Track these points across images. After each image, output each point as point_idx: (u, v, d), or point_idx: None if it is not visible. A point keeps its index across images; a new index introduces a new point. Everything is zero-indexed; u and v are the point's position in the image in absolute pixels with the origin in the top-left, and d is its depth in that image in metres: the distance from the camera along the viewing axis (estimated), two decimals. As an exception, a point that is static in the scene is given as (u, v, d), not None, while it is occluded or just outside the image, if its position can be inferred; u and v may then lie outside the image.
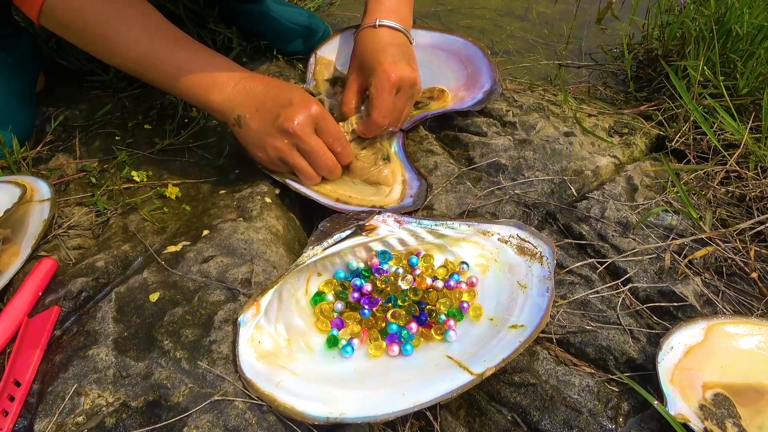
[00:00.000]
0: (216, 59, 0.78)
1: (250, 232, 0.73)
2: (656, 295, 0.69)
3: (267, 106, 0.75)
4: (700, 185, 0.84)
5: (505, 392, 0.61)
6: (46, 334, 0.63)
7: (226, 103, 0.76)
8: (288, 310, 0.66)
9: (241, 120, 0.76)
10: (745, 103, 0.96)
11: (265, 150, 0.76)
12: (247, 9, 1.09)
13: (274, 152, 0.76)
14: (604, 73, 1.20)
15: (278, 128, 0.74)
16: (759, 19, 0.96)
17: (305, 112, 0.74)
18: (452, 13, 1.39)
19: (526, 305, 0.64)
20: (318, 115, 0.75)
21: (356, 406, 0.57)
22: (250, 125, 0.75)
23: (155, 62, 0.75)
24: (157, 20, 0.76)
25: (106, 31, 0.73)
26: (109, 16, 0.73)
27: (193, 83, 0.76)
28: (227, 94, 0.76)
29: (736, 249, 0.73)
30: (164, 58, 0.75)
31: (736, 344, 0.62)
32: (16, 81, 0.92)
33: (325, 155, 0.77)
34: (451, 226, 0.73)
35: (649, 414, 0.58)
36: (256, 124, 0.75)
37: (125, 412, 0.57)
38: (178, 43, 0.76)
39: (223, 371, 0.60)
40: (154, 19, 0.76)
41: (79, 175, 0.85)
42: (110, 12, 0.73)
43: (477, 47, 0.98)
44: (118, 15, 0.74)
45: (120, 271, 0.71)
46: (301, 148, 0.76)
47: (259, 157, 0.78)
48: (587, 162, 0.86)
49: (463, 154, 0.88)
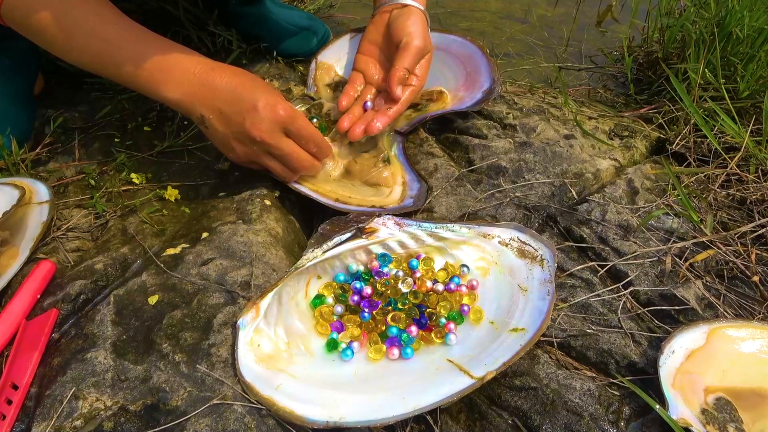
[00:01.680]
0: (171, 50, 0.73)
1: (250, 235, 0.73)
2: (657, 298, 0.69)
3: (231, 110, 0.71)
4: (700, 188, 0.84)
5: (505, 396, 0.61)
6: (44, 337, 0.63)
7: (184, 100, 0.72)
8: (287, 313, 0.66)
9: (205, 121, 0.72)
10: (745, 106, 0.96)
11: (235, 152, 0.75)
12: (247, 11, 1.09)
13: (245, 156, 0.75)
14: (604, 76, 1.20)
15: (245, 136, 0.71)
16: (759, 22, 0.96)
17: (272, 117, 0.71)
18: (452, 15, 1.39)
19: (527, 308, 0.64)
20: (286, 118, 0.71)
21: (356, 409, 0.56)
22: (216, 127, 0.72)
23: (111, 56, 0.71)
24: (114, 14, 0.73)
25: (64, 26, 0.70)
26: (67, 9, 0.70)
27: (148, 78, 0.71)
28: (185, 90, 0.71)
29: (737, 252, 0.73)
30: (120, 52, 0.71)
31: (737, 348, 0.62)
32: (14, 83, 0.91)
33: (299, 157, 0.75)
34: (451, 228, 0.73)
35: (650, 418, 0.58)
36: (222, 128, 0.72)
37: (123, 416, 0.57)
38: (134, 36, 0.72)
39: (222, 375, 0.60)
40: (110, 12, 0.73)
41: (78, 178, 0.85)
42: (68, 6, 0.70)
43: (476, 46, 0.97)
44: (75, 9, 0.71)
45: (119, 274, 0.71)
46: (272, 153, 0.74)
47: (230, 157, 0.77)
48: (588, 165, 0.86)
49: (463, 156, 0.88)
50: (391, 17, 0.88)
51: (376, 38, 0.90)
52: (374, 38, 0.90)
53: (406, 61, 0.83)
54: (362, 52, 0.91)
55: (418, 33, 0.84)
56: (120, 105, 0.98)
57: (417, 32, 0.84)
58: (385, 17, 0.89)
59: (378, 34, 0.90)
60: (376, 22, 0.90)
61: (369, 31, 0.91)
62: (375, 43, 0.90)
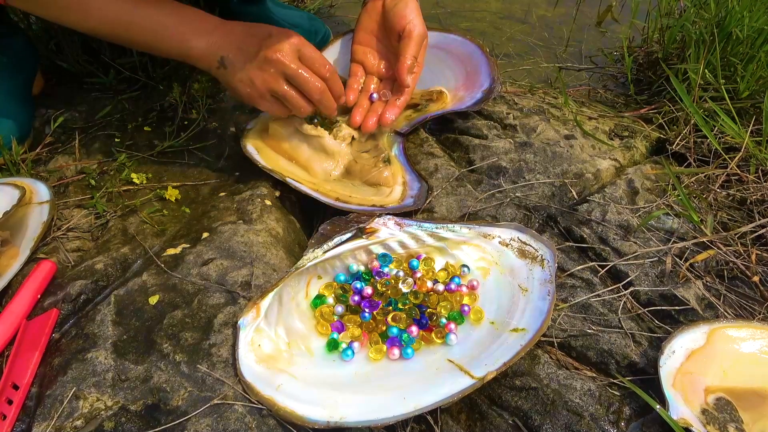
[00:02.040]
0: (188, 9, 0.78)
1: (250, 235, 0.73)
2: (658, 298, 0.69)
3: (248, 41, 0.76)
4: (701, 188, 0.84)
5: (506, 396, 0.61)
6: (44, 337, 0.63)
7: (208, 48, 0.76)
8: (288, 314, 0.66)
9: (225, 60, 0.76)
10: (745, 106, 0.96)
11: (253, 84, 0.76)
12: (248, 10, 1.09)
13: (262, 84, 0.76)
14: (604, 76, 1.20)
15: (262, 59, 0.74)
16: (759, 23, 0.96)
17: (286, 41, 0.75)
18: (452, 15, 1.39)
19: (527, 309, 0.64)
20: (299, 43, 0.76)
21: (357, 410, 0.56)
22: (234, 63, 0.76)
23: (130, 20, 0.75)
24: None
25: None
26: None
27: (171, 35, 0.76)
28: (208, 39, 0.76)
29: (737, 252, 0.73)
30: (139, 16, 0.75)
31: (738, 348, 0.62)
32: (12, 81, 0.91)
33: (312, 79, 0.77)
34: (451, 229, 0.73)
35: (651, 418, 0.58)
36: (241, 60, 0.76)
37: (124, 416, 0.57)
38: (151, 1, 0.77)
39: (223, 375, 0.60)
40: None
41: (79, 177, 0.85)
42: None
43: (475, 45, 0.97)
44: None
45: (119, 274, 0.71)
46: (287, 74, 0.76)
47: (248, 93, 0.78)
48: (588, 165, 0.86)
49: (463, 156, 0.88)
50: (387, 6, 0.88)
51: (372, 27, 0.90)
52: (370, 27, 0.91)
53: (413, 49, 0.85)
54: (359, 42, 0.91)
55: (418, 21, 0.86)
56: (120, 105, 0.98)
57: (417, 20, 0.86)
58: (379, 5, 0.89)
59: (373, 22, 0.90)
60: (370, 11, 0.90)
61: (363, 21, 0.91)
62: (371, 32, 0.91)
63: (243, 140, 0.84)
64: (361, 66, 0.91)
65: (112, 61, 0.99)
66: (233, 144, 0.90)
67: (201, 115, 0.94)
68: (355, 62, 0.91)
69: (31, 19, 1.07)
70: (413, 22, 0.85)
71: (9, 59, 0.91)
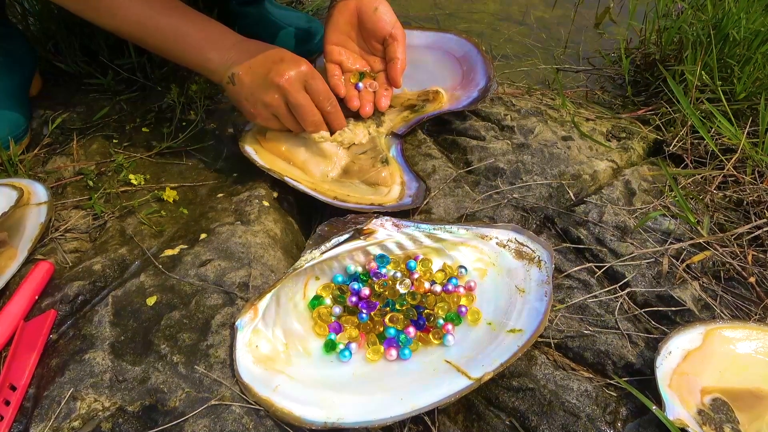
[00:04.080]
0: (212, 23, 0.81)
1: (248, 236, 0.73)
2: (654, 299, 0.69)
3: (259, 62, 0.78)
4: (697, 190, 0.85)
5: (503, 397, 0.61)
6: (42, 338, 0.63)
7: (223, 64, 0.79)
8: (286, 314, 0.66)
9: (234, 77, 0.78)
10: (742, 107, 0.96)
11: (256, 105, 0.79)
12: (247, 11, 1.09)
13: (264, 107, 0.78)
14: (601, 78, 1.20)
15: (269, 82, 0.76)
16: (756, 25, 0.96)
17: (295, 69, 0.76)
18: (450, 17, 1.39)
19: (525, 309, 0.64)
20: (307, 73, 0.77)
21: (354, 410, 0.57)
22: (243, 81, 0.78)
23: (155, 25, 0.78)
24: None
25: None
26: None
27: (192, 45, 0.79)
28: (224, 54, 0.79)
29: (733, 253, 0.73)
30: (163, 21, 0.78)
31: (734, 349, 0.62)
32: (9, 81, 0.91)
33: (311, 112, 0.78)
34: (449, 230, 0.73)
35: (647, 419, 0.58)
36: (249, 80, 0.77)
37: (121, 417, 0.57)
38: (176, 8, 0.79)
39: (221, 376, 0.60)
40: None
41: (77, 178, 0.85)
42: None
43: (471, 44, 0.97)
44: None
45: (117, 275, 0.71)
46: (290, 102, 0.77)
47: (250, 112, 0.80)
48: (585, 166, 0.86)
49: (461, 157, 0.88)
50: (364, 9, 0.89)
51: (346, 28, 0.91)
52: (344, 28, 0.91)
53: (401, 50, 0.88)
54: (334, 42, 0.91)
55: (396, 20, 0.89)
56: (118, 106, 0.98)
57: (395, 19, 0.89)
58: (352, 6, 0.90)
59: (346, 24, 0.91)
60: (342, 11, 0.90)
61: (337, 21, 0.91)
62: (345, 32, 0.91)
63: (241, 141, 0.84)
64: (339, 66, 0.91)
65: (110, 62, 0.99)
66: (231, 145, 0.90)
67: (199, 117, 0.94)
68: (332, 62, 0.91)
69: (29, 20, 1.07)
70: (397, 25, 0.88)
71: (7, 60, 0.91)
